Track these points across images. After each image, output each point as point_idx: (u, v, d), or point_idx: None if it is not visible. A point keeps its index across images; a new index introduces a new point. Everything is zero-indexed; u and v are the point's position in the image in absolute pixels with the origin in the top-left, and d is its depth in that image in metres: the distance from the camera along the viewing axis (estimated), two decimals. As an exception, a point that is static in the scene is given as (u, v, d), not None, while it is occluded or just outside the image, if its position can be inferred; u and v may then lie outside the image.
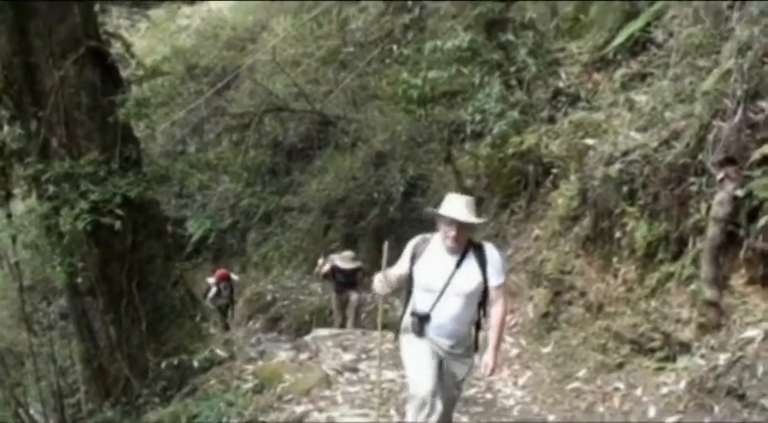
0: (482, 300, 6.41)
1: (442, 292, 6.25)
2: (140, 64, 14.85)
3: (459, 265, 6.26)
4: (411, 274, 6.47)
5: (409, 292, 6.60)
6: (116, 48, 14.29)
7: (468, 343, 6.58)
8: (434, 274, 6.30)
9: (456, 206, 6.23)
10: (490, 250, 6.37)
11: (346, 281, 16.41)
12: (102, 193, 11.53)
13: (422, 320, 6.39)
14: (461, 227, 6.16)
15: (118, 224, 11.29)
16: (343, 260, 16.37)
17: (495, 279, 6.28)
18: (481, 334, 6.70)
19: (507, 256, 12.63)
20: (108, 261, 12.34)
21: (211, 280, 19.00)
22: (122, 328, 12.52)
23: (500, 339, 6.51)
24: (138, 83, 14.29)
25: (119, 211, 11.42)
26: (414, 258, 6.44)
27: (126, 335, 12.54)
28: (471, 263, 6.28)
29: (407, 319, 6.56)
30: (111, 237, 11.91)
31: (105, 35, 14.17)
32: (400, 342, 6.75)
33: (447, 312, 6.28)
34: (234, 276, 19.80)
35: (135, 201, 11.96)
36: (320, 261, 17.25)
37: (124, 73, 14.19)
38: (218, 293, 18.66)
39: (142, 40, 24.15)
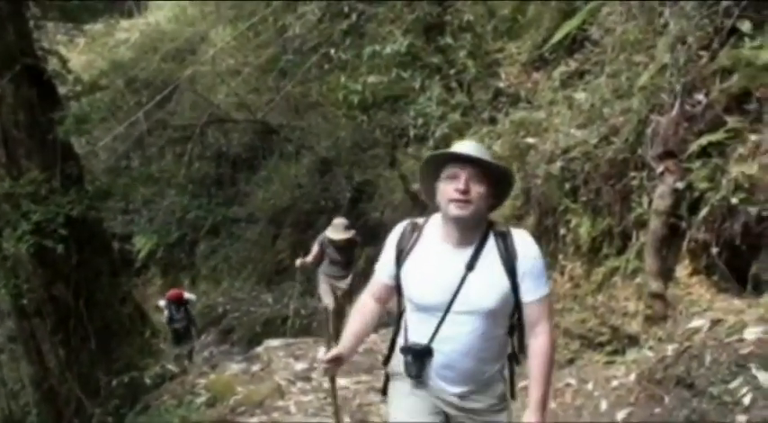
0: (514, 322, 4.19)
1: (446, 312, 4.02)
2: (78, 79, 14.73)
3: (472, 264, 4.01)
4: (398, 286, 4.27)
5: (400, 315, 4.38)
6: (53, 64, 14.16)
7: (495, 390, 4.35)
8: (432, 281, 4.06)
9: (464, 146, 4.09)
10: (522, 241, 4.08)
11: (341, 259, 12.76)
12: (45, 212, 11.42)
13: (418, 358, 4.17)
14: (475, 178, 3.93)
15: (60, 248, 11.18)
16: (335, 230, 12.61)
17: (532, 289, 4.04)
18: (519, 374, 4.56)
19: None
20: (54, 281, 12.24)
21: (162, 302, 16.16)
22: (71, 347, 12.41)
23: (547, 390, 4.25)
24: (77, 99, 14.17)
25: (62, 232, 11.31)
26: (399, 259, 4.21)
27: (75, 354, 12.43)
28: (492, 261, 4.02)
29: (397, 358, 4.36)
30: (56, 256, 11.78)
31: (41, 52, 14.05)
32: (388, 394, 4.55)
33: (457, 344, 4.08)
34: (189, 296, 16.87)
35: (78, 219, 11.85)
36: (314, 248, 13.01)
37: (62, 89, 14.06)
38: (171, 317, 15.65)
39: (80, 56, 23.96)
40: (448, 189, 3.96)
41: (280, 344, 13.53)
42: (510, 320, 4.18)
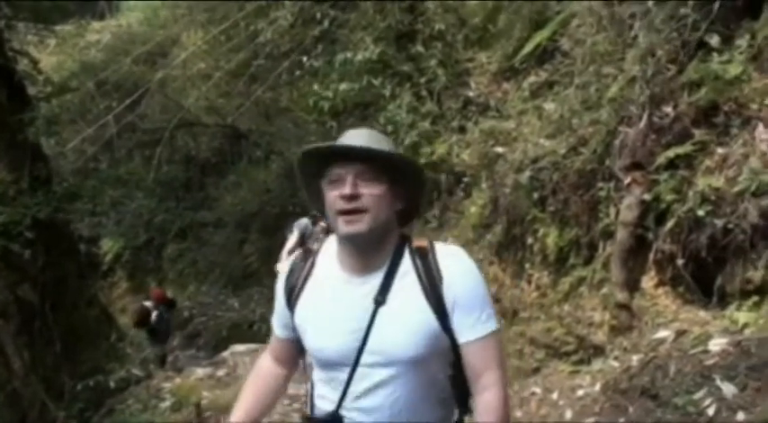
0: (454, 371, 3.04)
1: (355, 365, 2.94)
2: (48, 81, 14.66)
3: (382, 297, 2.90)
4: (298, 338, 3.16)
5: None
6: (23, 65, 14.07)
7: None
8: (331, 325, 2.98)
9: (349, 135, 2.99)
10: (450, 259, 2.94)
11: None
12: (12, 214, 11.34)
13: None
14: (367, 177, 2.83)
15: (28, 253, 11.12)
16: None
17: (468, 325, 2.89)
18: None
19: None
20: (19, 282, 12.14)
21: (149, 303, 15.06)
22: (36, 350, 12.32)
23: None
24: (47, 100, 14.09)
25: (28, 235, 11.26)
26: (291, 301, 3.11)
27: (40, 357, 12.34)
28: (410, 290, 2.90)
29: None
30: (22, 258, 11.71)
31: (11, 52, 13.94)
32: None
33: (376, 408, 2.98)
34: (171, 296, 16.47)
35: (45, 220, 11.79)
36: (290, 237, 12.36)
37: (32, 90, 13.97)
38: (161, 319, 14.71)
39: (50, 57, 23.76)
40: (333, 197, 2.83)
41: (246, 349, 13.49)
42: (447, 368, 3.04)
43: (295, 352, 3.28)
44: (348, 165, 2.82)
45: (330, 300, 2.97)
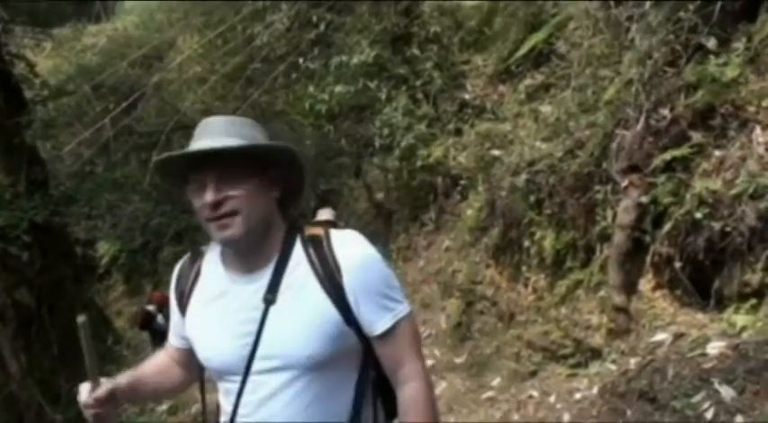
0: (364, 372, 2.77)
1: (246, 374, 2.66)
2: (45, 84, 14.67)
3: (272, 295, 2.63)
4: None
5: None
6: (20, 68, 14.08)
7: None
8: (219, 331, 2.73)
9: (204, 130, 2.68)
10: (346, 245, 2.66)
11: None
12: (9, 217, 11.35)
13: None
14: (230, 177, 2.55)
15: (25, 256, 11.12)
16: (319, 214, 11.80)
17: (376, 316, 2.63)
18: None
19: (418, 268, 12.69)
20: (16, 286, 12.14)
21: (151, 307, 15.31)
22: (33, 353, 12.31)
23: None
24: (44, 103, 14.11)
25: (26, 238, 11.26)
26: (182, 307, 2.90)
27: (37, 360, 12.34)
28: (304, 283, 2.63)
29: None
30: (19, 261, 11.71)
31: (8, 56, 13.95)
32: None
33: (273, 420, 2.66)
34: None
35: (42, 224, 11.79)
36: None
37: (29, 93, 13.98)
38: (166, 319, 14.04)
39: (47, 60, 23.77)
40: (198, 206, 2.59)
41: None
42: (357, 369, 2.75)
43: (189, 361, 2.99)
44: (206, 168, 2.55)
45: (217, 304, 2.73)
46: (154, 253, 24.75)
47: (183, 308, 2.87)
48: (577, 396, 7.15)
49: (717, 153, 6.70)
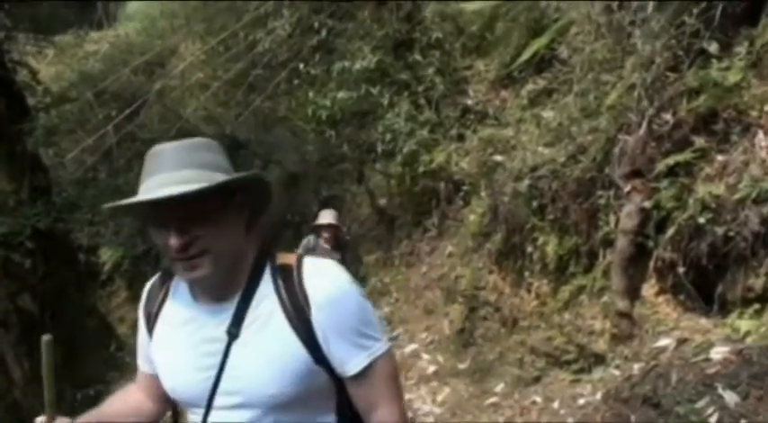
0: (341, 413, 2.56)
1: (207, 408, 2.51)
2: (47, 91, 14.71)
3: (236, 328, 2.44)
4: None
5: None
6: (22, 75, 14.11)
7: None
8: (183, 361, 2.55)
9: (157, 168, 2.37)
10: (318, 277, 2.43)
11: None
12: (12, 224, 11.36)
13: None
14: (198, 214, 2.31)
15: (28, 263, 11.13)
16: (322, 216, 11.29)
17: (348, 355, 2.41)
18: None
19: (421, 274, 12.68)
20: (19, 292, 12.14)
21: None
22: (36, 360, 12.33)
23: None
24: (46, 110, 14.14)
25: (29, 245, 11.28)
26: (150, 328, 2.70)
27: (40, 367, 12.34)
28: (270, 317, 2.42)
29: None
30: (22, 268, 11.72)
31: (11, 63, 13.98)
32: None
33: None
34: None
35: (45, 230, 11.82)
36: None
37: (31, 100, 14.00)
38: None
39: (49, 67, 23.78)
40: (162, 245, 2.35)
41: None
42: (329, 408, 2.54)
43: (158, 387, 2.71)
44: (165, 212, 2.28)
45: (183, 331, 2.52)
46: (157, 259, 24.71)
47: (150, 329, 2.67)
48: (581, 402, 7.14)
49: (719, 158, 6.70)
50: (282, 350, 2.37)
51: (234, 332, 2.41)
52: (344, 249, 11.79)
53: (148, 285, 2.74)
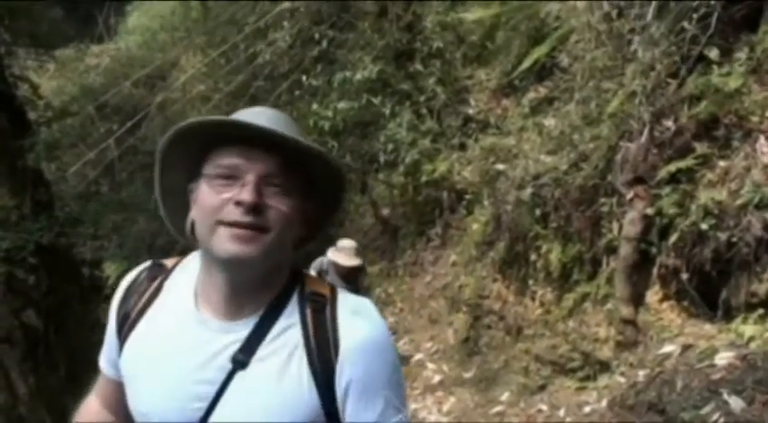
0: None
1: None
2: (49, 105, 14.73)
3: (245, 356, 1.96)
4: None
5: None
6: (23, 90, 14.13)
7: None
8: (168, 382, 2.03)
9: (253, 113, 2.08)
10: (354, 319, 2.00)
11: (344, 286, 8.27)
12: (14, 240, 11.37)
13: None
14: (276, 181, 1.92)
15: (32, 278, 11.14)
16: (342, 254, 10.06)
17: (363, 416, 1.97)
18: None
19: (425, 283, 12.68)
20: (23, 308, 12.13)
21: None
22: (41, 375, 12.31)
23: None
24: (48, 125, 14.15)
25: (32, 260, 11.29)
26: (123, 332, 2.18)
27: (45, 382, 12.33)
28: (290, 353, 1.96)
29: None
30: (25, 284, 11.72)
31: (11, 78, 14.00)
32: None
33: None
34: None
35: (48, 246, 11.82)
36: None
37: (33, 115, 14.02)
38: None
39: (50, 81, 23.81)
40: (219, 200, 1.90)
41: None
42: None
43: (122, 396, 2.23)
44: (253, 156, 1.91)
45: (173, 346, 2.02)
46: (161, 273, 24.78)
47: (124, 333, 2.15)
48: (587, 409, 7.14)
49: (721, 164, 6.71)
50: (294, 395, 1.94)
51: (242, 361, 1.95)
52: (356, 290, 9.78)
53: (129, 278, 2.25)
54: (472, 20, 13.51)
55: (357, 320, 1.99)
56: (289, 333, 1.97)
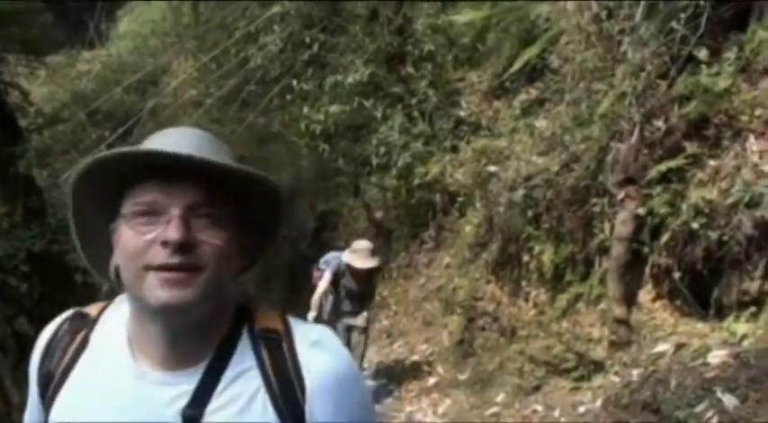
0: None
1: None
2: (40, 112, 14.70)
3: (197, 410, 1.71)
4: None
5: None
6: (14, 97, 14.11)
7: None
8: None
9: (173, 135, 1.80)
10: (315, 353, 1.79)
11: (359, 290, 10.08)
12: (6, 247, 11.36)
13: None
14: (203, 210, 1.68)
15: (24, 286, 11.13)
16: (358, 256, 9.80)
17: None
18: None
19: (419, 286, 12.70)
20: (16, 316, 12.11)
21: None
22: (34, 383, 12.32)
23: None
24: (39, 131, 14.13)
25: (24, 268, 11.27)
26: (47, 395, 1.86)
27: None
28: (249, 401, 1.74)
29: None
30: (18, 291, 11.71)
31: (2, 84, 13.98)
32: None
33: None
34: None
35: (40, 253, 11.80)
36: (316, 274, 10.29)
37: (23, 122, 14.00)
38: None
39: (41, 88, 23.76)
40: (142, 242, 1.67)
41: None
42: None
43: None
44: (175, 188, 1.68)
45: (110, 404, 1.75)
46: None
47: (48, 397, 1.86)
48: (581, 409, 7.16)
49: (712, 163, 6.74)
50: None
51: (193, 416, 1.71)
52: (366, 300, 10.39)
53: (48, 332, 1.97)
54: (463, 22, 13.54)
55: (318, 354, 1.79)
56: (245, 378, 1.75)
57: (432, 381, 10.29)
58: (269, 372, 1.75)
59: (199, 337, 1.74)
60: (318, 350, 1.79)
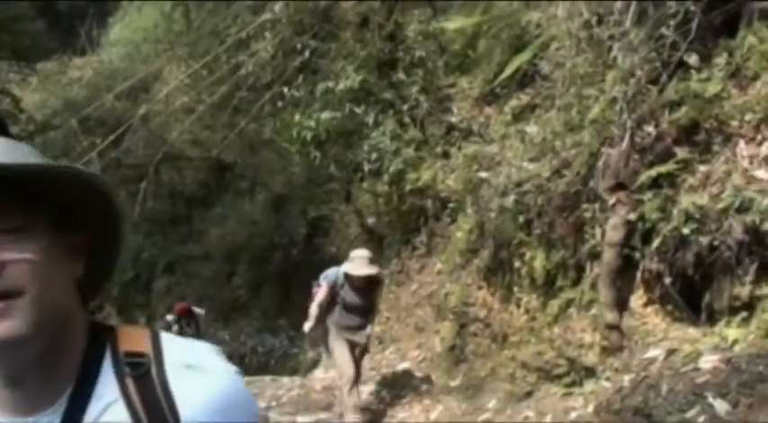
0: None
1: None
2: (31, 119, 14.68)
3: None
4: None
5: None
6: (5, 104, 14.09)
7: None
8: None
9: None
10: (189, 380, 1.41)
11: (361, 303, 9.57)
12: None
13: None
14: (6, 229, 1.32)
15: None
16: (356, 264, 9.48)
17: None
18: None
19: (411, 292, 12.68)
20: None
21: (170, 317, 16.08)
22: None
23: None
24: (30, 138, 14.11)
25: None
26: None
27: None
28: None
29: None
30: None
31: (-6, 92, 13.99)
32: None
33: None
34: (198, 310, 16.36)
35: (33, 260, 11.81)
36: (315, 290, 9.77)
37: (15, 129, 13.97)
38: (181, 332, 14.32)
39: (33, 94, 23.73)
40: None
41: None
42: None
43: None
44: None
45: None
46: (146, 285, 24.73)
47: None
48: (573, 415, 7.15)
49: (702, 168, 6.75)
50: None
51: None
52: (368, 314, 9.81)
53: None
54: (454, 29, 13.53)
55: (194, 378, 1.44)
56: (109, 415, 1.41)
57: (424, 387, 10.28)
58: (136, 406, 1.41)
59: (45, 373, 1.41)
60: (195, 374, 1.45)
